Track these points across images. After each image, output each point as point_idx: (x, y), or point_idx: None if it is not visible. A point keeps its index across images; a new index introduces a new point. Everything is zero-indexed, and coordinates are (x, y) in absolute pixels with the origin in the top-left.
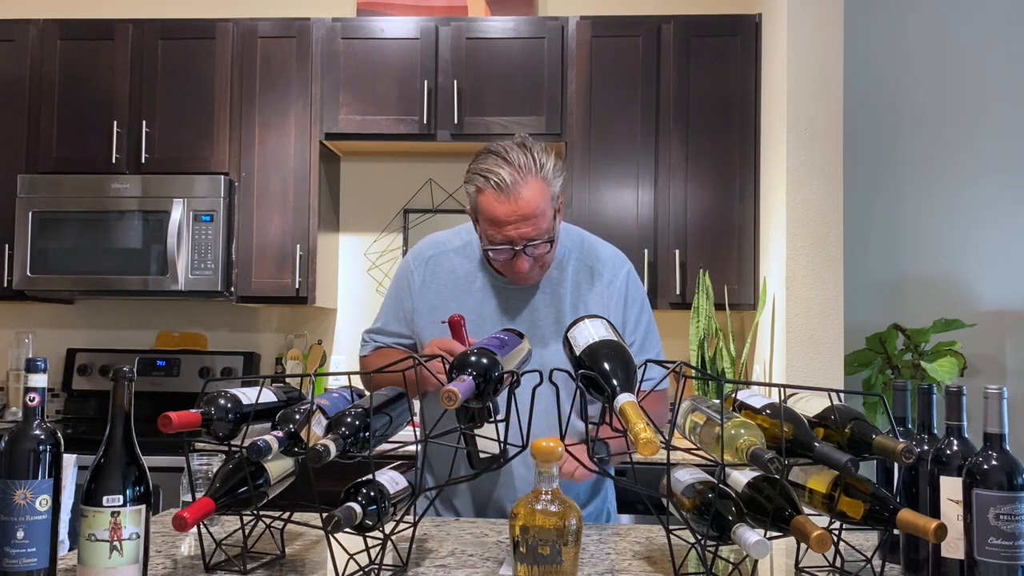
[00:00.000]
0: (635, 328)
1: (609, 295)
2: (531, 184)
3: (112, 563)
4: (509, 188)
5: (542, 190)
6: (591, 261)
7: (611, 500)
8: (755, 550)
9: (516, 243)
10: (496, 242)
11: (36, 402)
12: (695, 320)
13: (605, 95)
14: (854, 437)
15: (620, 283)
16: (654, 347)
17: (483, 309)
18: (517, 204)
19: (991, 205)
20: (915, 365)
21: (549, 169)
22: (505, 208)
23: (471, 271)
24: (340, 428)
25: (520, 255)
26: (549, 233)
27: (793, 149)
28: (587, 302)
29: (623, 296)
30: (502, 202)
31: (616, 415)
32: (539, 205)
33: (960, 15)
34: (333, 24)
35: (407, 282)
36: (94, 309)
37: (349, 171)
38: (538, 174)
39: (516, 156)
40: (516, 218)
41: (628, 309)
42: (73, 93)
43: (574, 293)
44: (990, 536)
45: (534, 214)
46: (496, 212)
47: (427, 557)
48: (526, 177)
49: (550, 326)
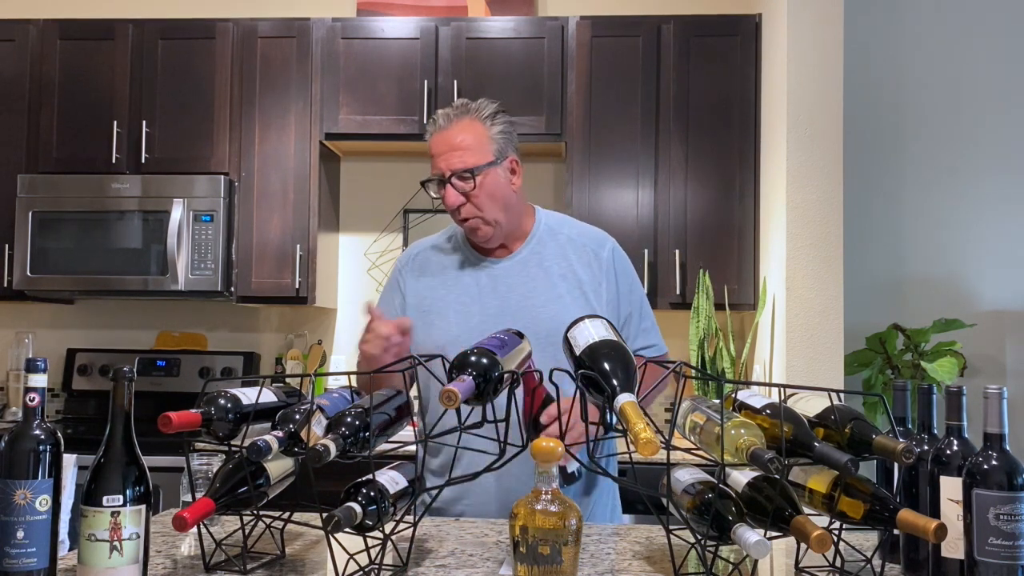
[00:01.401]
0: (629, 298)
1: (598, 266)
2: (463, 121)
3: (112, 563)
4: (442, 124)
5: (474, 128)
6: (575, 235)
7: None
8: (755, 550)
9: (444, 173)
10: (432, 175)
11: (36, 402)
12: (695, 320)
13: (605, 95)
14: (854, 437)
15: (607, 255)
16: (649, 316)
17: (473, 289)
18: (445, 135)
19: (991, 205)
20: (915, 365)
21: (486, 113)
22: (436, 140)
23: (457, 258)
24: (340, 428)
25: (447, 187)
26: (477, 169)
27: (793, 149)
28: (575, 270)
29: (612, 268)
30: (438, 135)
31: (616, 415)
32: (466, 139)
33: (960, 15)
34: (333, 24)
35: (397, 281)
36: (94, 309)
37: (349, 171)
38: (473, 115)
39: (458, 102)
40: (445, 148)
41: (620, 280)
42: (73, 93)
43: (561, 263)
44: (990, 536)
45: (460, 147)
46: (431, 146)
47: (427, 557)
48: (461, 116)
49: (541, 295)
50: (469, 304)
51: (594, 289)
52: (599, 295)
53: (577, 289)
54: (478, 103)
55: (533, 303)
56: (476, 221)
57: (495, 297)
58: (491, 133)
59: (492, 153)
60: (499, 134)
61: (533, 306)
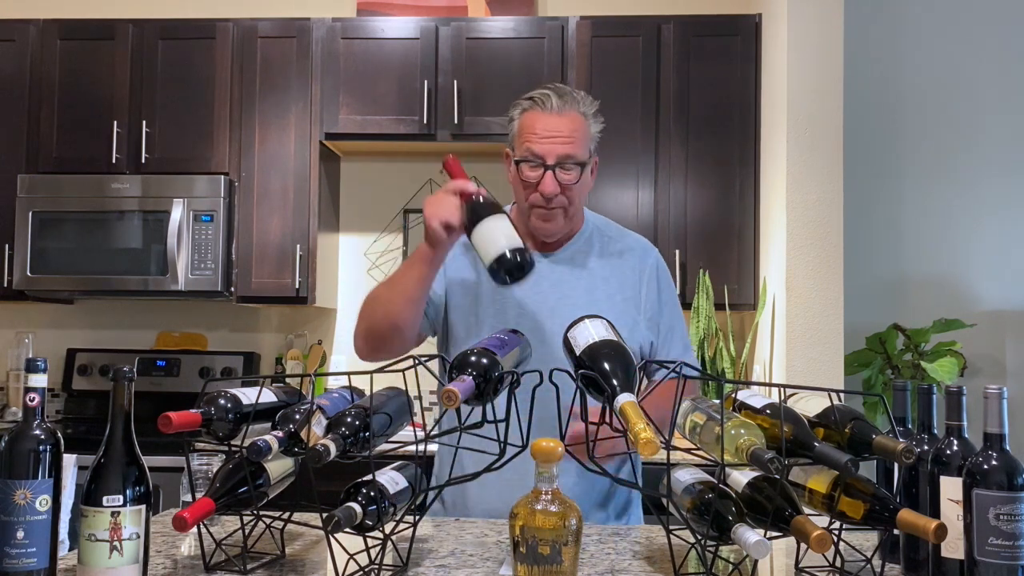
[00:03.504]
0: (672, 310)
1: (642, 270)
2: (573, 112)
3: (112, 563)
4: (554, 107)
5: (581, 122)
6: (620, 237)
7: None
8: (755, 550)
9: (548, 158)
10: (533, 153)
11: (36, 402)
12: (695, 320)
13: (605, 95)
14: (854, 437)
15: (652, 262)
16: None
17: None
18: (559, 120)
19: (991, 205)
20: (915, 365)
21: (591, 110)
22: (547, 122)
23: None
24: (340, 428)
25: (549, 172)
26: (583, 163)
27: (793, 149)
28: (617, 274)
29: (655, 276)
30: (546, 116)
31: (616, 415)
32: (577, 130)
33: (960, 16)
34: (333, 24)
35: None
36: (94, 309)
37: (349, 171)
38: (581, 106)
39: (563, 88)
40: (554, 133)
41: (662, 290)
42: (73, 93)
43: (604, 267)
44: (990, 536)
45: (572, 136)
46: (537, 124)
47: (427, 557)
48: (571, 106)
49: (581, 296)
50: (507, 295)
51: (634, 297)
52: (638, 304)
53: (619, 294)
54: (582, 96)
55: (573, 302)
56: (559, 212)
57: (535, 292)
58: (592, 131)
59: (589, 151)
60: (597, 133)
61: (572, 305)
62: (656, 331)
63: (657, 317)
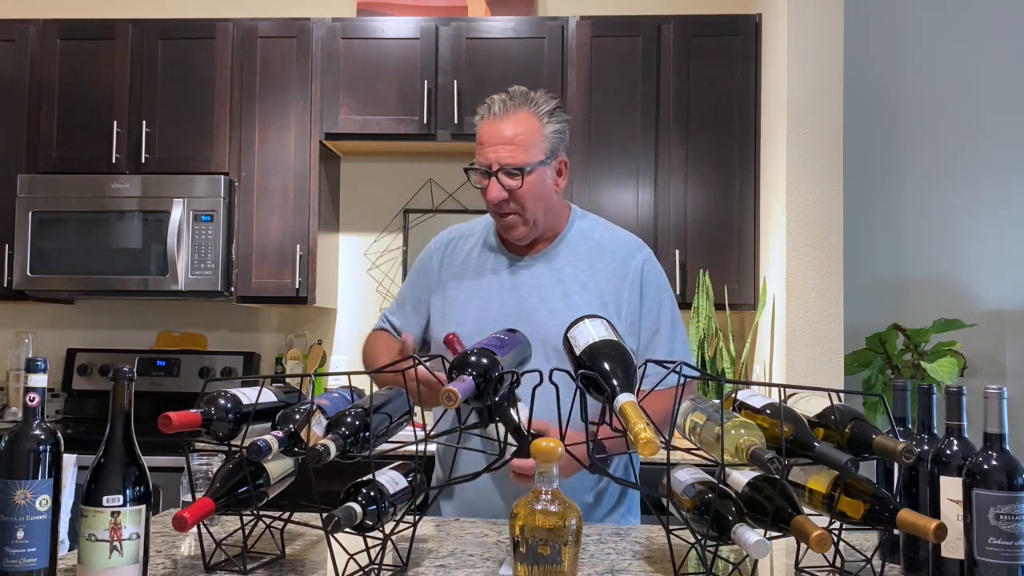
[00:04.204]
0: (657, 315)
1: (622, 275)
2: (520, 114)
3: (112, 563)
4: (497, 113)
5: (529, 123)
6: (606, 241)
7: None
8: (755, 550)
9: (492, 165)
10: (479, 160)
11: (36, 402)
12: (695, 320)
13: (605, 95)
14: (854, 437)
15: (636, 265)
16: (681, 336)
17: (494, 285)
18: (498, 125)
19: (991, 205)
20: (915, 365)
21: (543, 108)
22: (489, 130)
23: (484, 251)
24: (340, 428)
25: (491, 179)
26: (527, 165)
27: (793, 149)
28: (596, 279)
29: (639, 281)
30: (490, 123)
31: (616, 415)
32: (520, 134)
33: (960, 16)
34: (333, 24)
35: (427, 264)
36: (94, 309)
37: (349, 171)
38: (531, 107)
39: (515, 90)
40: (496, 139)
41: (646, 294)
42: (73, 93)
43: (585, 270)
44: (990, 536)
45: (513, 140)
46: (482, 133)
47: (427, 557)
48: (518, 107)
49: (557, 300)
50: (488, 300)
51: (615, 301)
52: (619, 308)
53: (597, 300)
54: (537, 95)
55: (549, 307)
56: (515, 219)
57: (514, 296)
58: (546, 131)
59: (543, 152)
60: (554, 133)
61: (549, 309)
62: (637, 337)
63: (638, 323)
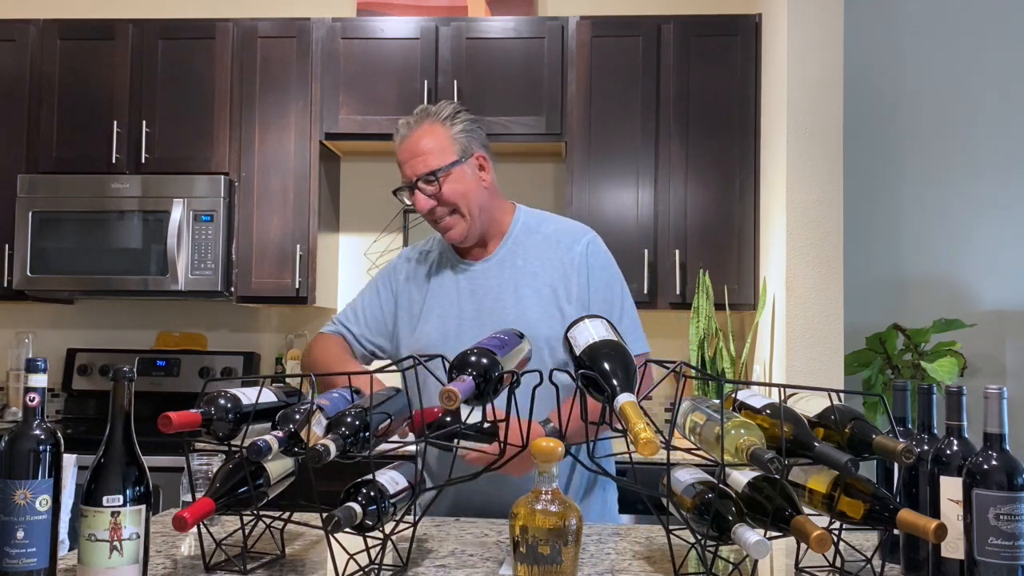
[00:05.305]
0: (605, 295)
1: (569, 261)
2: (424, 126)
3: (112, 563)
4: (404, 133)
5: (434, 131)
6: (551, 232)
7: (612, 501)
8: (755, 550)
9: (412, 179)
10: (401, 183)
11: (36, 402)
12: (695, 320)
13: (605, 95)
14: (854, 437)
15: (580, 249)
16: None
17: (452, 294)
18: (408, 143)
19: (991, 205)
20: (915, 365)
21: (444, 114)
22: (401, 149)
23: (439, 263)
24: (340, 428)
25: (415, 192)
26: (440, 170)
27: (793, 149)
28: (545, 269)
29: (584, 263)
30: (400, 145)
31: (616, 415)
32: (427, 144)
33: (960, 16)
34: (333, 24)
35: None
36: (94, 309)
37: (349, 171)
38: (432, 118)
39: (419, 108)
40: (409, 155)
41: (592, 276)
42: (73, 93)
43: (533, 263)
44: (990, 536)
45: (423, 151)
46: (398, 155)
47: (427, 557)
48: (420, 121)
49: (509, 297)
50: (448, 308)
51: (564, 287)
52: (569, 292)
53: (547, 288)
54: (437, 106)
55: (503, 306)
56: (449, 220)
57: (472, 301)
58: (452, 133)
59: (455, 153)
60: (461, 133)
61: (503, 309)
62: None
63: (587, 303)
